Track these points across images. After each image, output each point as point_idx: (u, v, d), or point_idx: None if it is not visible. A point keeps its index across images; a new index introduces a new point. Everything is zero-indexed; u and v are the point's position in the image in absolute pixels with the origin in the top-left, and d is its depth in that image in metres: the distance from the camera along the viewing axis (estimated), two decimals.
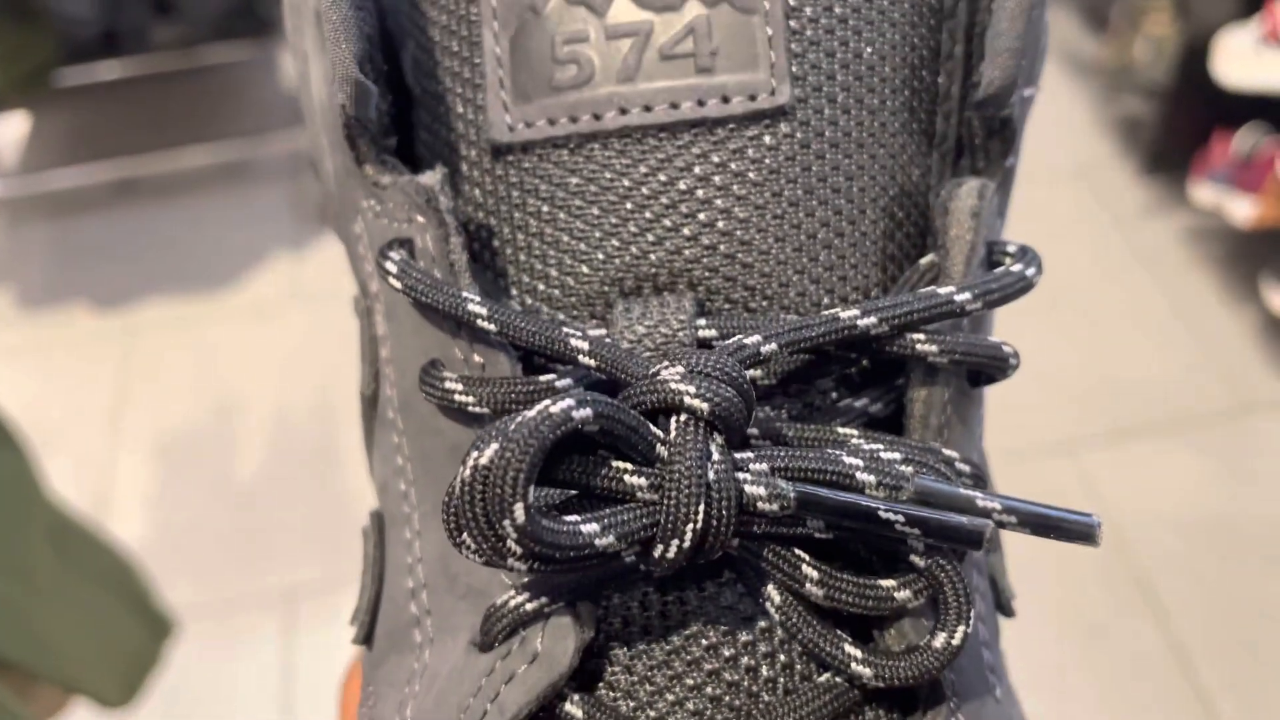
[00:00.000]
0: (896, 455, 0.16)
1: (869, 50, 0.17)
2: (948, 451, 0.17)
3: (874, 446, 0.16)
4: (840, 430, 0.17)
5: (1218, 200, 1.32)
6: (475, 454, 0.14)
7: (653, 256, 0.17)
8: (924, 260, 0.18)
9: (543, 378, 0.17)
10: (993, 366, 0.17)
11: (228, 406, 1.33)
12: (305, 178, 1.63)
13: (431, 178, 0.17)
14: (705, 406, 0.15)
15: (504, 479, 0.14)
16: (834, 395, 0.17)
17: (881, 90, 0.17)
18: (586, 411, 0.15)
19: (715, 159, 0.17)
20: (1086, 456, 1.20)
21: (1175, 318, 1.34)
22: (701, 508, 0.15)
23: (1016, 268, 0.17)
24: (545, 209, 0.17)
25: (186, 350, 1.41)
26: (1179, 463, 1.20)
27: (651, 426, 0.15)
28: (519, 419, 0.14)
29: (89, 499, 1.23)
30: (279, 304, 1.47)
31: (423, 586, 0.18)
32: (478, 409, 0.17)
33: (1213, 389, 1.27)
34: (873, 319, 0.16)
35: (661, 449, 0.15)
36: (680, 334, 0.16)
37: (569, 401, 0.15)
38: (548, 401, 0.15)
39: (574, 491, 0.16)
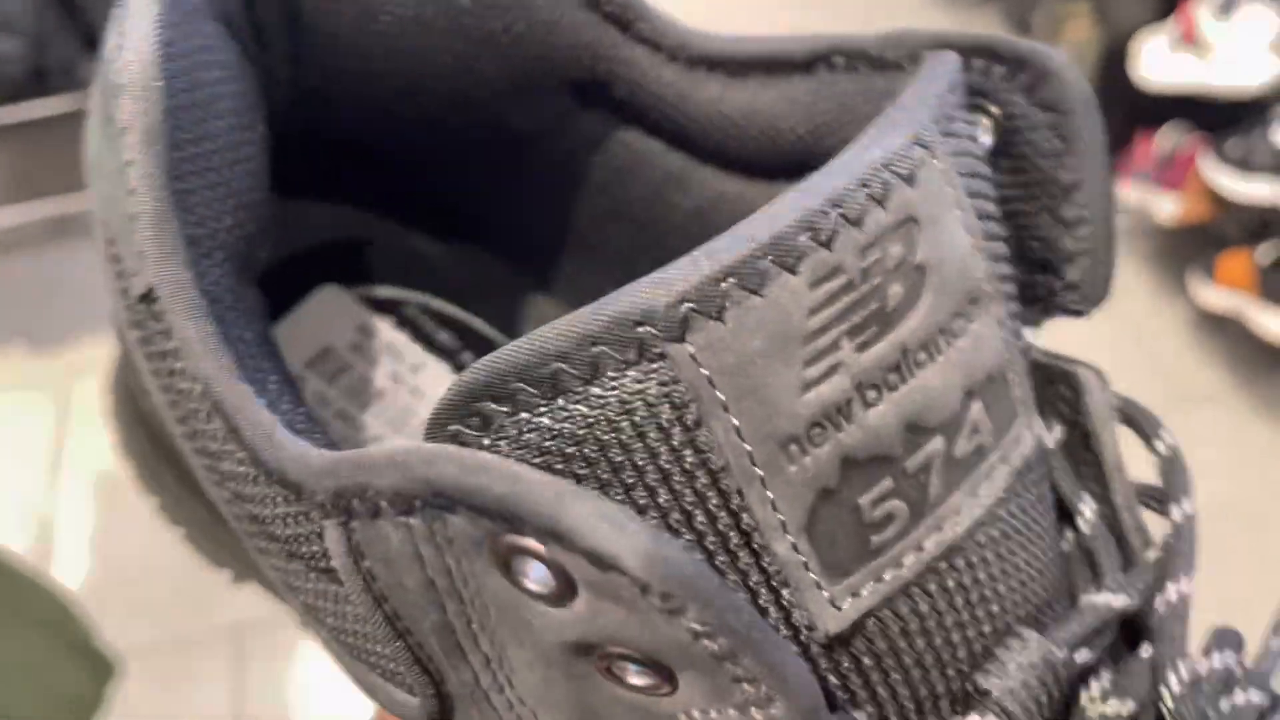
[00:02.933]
0: None
1: None
2: None
3: None
4: None
5: (1143, 198, 1.36)
6: None
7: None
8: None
9: None
10: None
11: None
12: None
13: None
14: None
15: None
16: None
17: None
18: None
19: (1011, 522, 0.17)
20: None
21: (1107, 315, 1.37)
22: None
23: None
24: (888, 660, 0.16)
25: None
26: None
27: None
28: None
29: (31, 540, 1.21)
30: None
31: None
32: None
33: (1148, 384, 1.30)
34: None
35: None
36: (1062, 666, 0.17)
37: None
38: None
39: None
